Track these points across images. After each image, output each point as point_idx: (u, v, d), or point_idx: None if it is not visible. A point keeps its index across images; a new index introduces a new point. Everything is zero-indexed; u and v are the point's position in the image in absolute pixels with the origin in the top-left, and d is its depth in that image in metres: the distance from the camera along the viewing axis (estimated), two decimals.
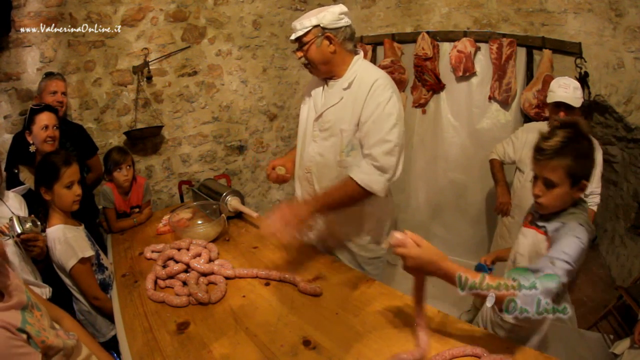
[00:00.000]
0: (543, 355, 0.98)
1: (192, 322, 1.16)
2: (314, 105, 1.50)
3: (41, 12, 2.12)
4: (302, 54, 1.39)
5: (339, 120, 1.40)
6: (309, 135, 1.51)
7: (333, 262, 1.49)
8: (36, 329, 0.82)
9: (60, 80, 2.03)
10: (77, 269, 1.41)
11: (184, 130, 2.82)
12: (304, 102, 1.58)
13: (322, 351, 1.01)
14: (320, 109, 1.46)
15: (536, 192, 1.12)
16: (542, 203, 1.11)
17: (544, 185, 1.09)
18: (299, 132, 1.58)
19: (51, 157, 1.47)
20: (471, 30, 2.59)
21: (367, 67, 1.43)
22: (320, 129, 1.46)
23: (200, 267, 1.38)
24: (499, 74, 2.46)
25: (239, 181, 3.21)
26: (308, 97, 1.55)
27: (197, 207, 1.92)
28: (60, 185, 1.43)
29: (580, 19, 2.21)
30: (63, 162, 1.44)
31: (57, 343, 0.87)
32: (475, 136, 2.67)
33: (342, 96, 1.40)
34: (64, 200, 1.45)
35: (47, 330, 0.87)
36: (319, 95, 1.49)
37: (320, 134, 1.46)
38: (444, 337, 1.04)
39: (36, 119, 1.70)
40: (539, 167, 1.11)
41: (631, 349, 1.35)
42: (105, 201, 1.94)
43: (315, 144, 1.48)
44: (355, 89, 1.38)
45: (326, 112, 1.43)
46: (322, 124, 1.45)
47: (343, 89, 1.40)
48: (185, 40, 2.68)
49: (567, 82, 1.77)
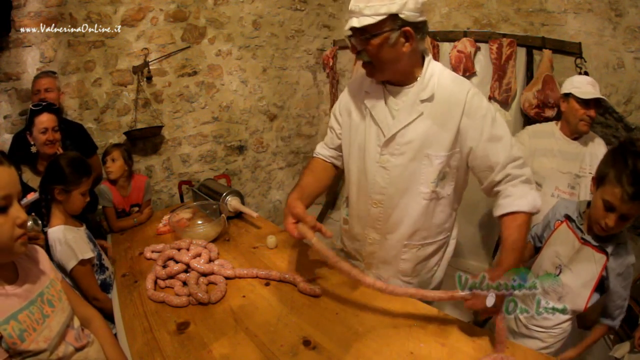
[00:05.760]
0: (543, 355, 0.98)
1: (192, 322, 1.16)
2: (377, 121, 1.16)
3: (41, 12, 2.12)
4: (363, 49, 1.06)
5: (423, 142, 1.11)
6: (372, 161, 1.19)
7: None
8: (23, 327, 0.80)
9: (46, 77, 2.02)
10: (77, 271, 1.41)
11: (184, 130, 2.82)
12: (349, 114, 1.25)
13: (322, 351, 1.01)
14: (392, 129, 1.13)
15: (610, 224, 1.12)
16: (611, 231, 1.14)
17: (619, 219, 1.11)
18: (351, 154, 1.26)
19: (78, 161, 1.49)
20: (471, 30, 2.59)
21: (444, 72, 1.14)
22: (393, 153, 1.15)
23: (200, 267, 1.37)
24: (499, 74, 2.46)
25: (239, 181, 3.21)
26: (358, 108, 1.22)
27: (197, 207, 1.92)
28: (79, 191, 1.47)
29: (580, 19, 2.21)
30: (87, 171, 1.50)
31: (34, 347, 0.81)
32: None
33: (422, 111, 1.10)
34: (76, 205, 1.49)
35: (37, 332, 0.82)
36: (382, 108, 1.16)
37: (392, 160, 1.16)
38: (444, 337, 1.04)
39: (36, 121, 1.69)
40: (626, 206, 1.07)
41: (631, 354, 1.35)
42: (104, 200, 1.94)
43: (386, 172, 1.17)
44: (441, 102, 1.09)
45: (401, 131, 1.13)
46: (396, 147, 1.14)
47: (421, 101, 1.10)
48: (185, 40, 2.68)
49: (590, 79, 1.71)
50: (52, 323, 0.88)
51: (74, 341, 0.93)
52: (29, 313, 0.82)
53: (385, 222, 1.24)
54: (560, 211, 1.33)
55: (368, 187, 1.22)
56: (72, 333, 0.94)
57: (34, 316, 0.83)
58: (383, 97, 1.16)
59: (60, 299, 0.94)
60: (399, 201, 1.19)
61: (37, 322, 0.84)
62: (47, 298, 0.89)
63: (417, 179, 1.15)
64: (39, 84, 1.99)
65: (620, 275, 1.19)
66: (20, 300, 0.82)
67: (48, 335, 0.85)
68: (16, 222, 0.79)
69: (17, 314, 0.80)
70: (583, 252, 1.22)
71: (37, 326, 0.83)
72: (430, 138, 1.11)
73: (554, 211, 1.37)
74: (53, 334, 0.87)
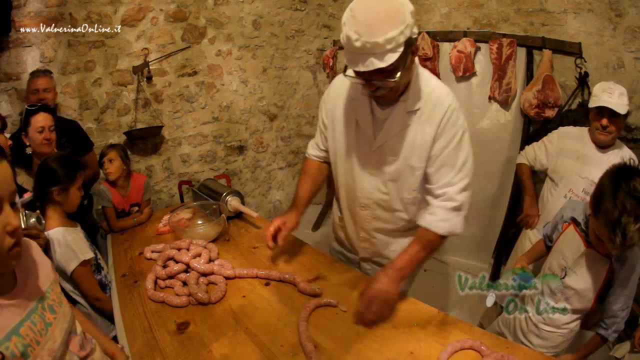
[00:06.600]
0: (543, 355, 0.98)
1: (192, 322, 1.16)
2: (364, 130, 1.17)
3: (41, 12, 2.12)
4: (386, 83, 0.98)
5: (407, 154, 1.14)
6: (358, 168, 1.23)
7: (333, 262, 1.48)
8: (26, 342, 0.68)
9: (43, 76, 2.01)
10: (79, 272, 1.41)
11: (184, 130, 2.82)
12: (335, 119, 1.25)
13: (322, 351, 1.01)
14: (379, 140, 1.15)
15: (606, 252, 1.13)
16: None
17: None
18: (338, 159, 1.29)
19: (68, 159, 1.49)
20: (471, 30, 2.59)
21: (429, 79, 1.13)
22: (380, 162, 1.19)
23: (200, 267, 1.38)
24: (499, 74, 2.46)
25: (239, 181, 3.21)
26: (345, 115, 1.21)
27: (197, 207, 1.92)
28: (75, 186, 1.48)
29: (580, 19, 2.21)
30: (79, 165, 1.50)
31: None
32: (475, 136, 2.63)
33: (409, 122, 1.11)
34: (75, 201, 1.49)
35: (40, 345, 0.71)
36: (369, 118, 1.15)
37: (380, 167, 1.20)
38: (444, 337, 1.04)
39: (32, 120, 1.69)
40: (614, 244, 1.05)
41: (632, 353, 1.35)
42: (103, 200, 1.94)
43: (374, 179, 1.22)
44: (425, 114, 1.10)
45: (387, 143, 1.15)
46: (382, 156, 1.17)
47: (407, 112, 1.11)
48: (185, 40, 2.68)
49: (613, 87, 1.62)
50: (55, 332, 0.77)
51: (79, 349, 0.85)
52: (31, 324, 0.71)
53: (373, 223, 1.32)
54: (568, 213, 1.32)
55: (356, 191, 1.28)
56: (76, 340, 0.85)
57: (36, 327, 0.72)
58: (369, 105, 1.15)
59: (61, 302, 0.84)
60: (386, 205, 1.26)
61: (40, 333, 0.73)
62: (48, 304, 0.78)
63: (401, 187, 1.21)
64: (36, 84, 1.98)
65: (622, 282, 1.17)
66: (19, 310, 0.71)
67: (52, 347, 0.75)
68: (6, 230, 0.65)
69: (19, 328, 0.68)
70: (588, 255, 1.20)
71: (41, 338, 0.73)
72: (413, 150, 1.14)
73: (561, 213, 1.37)
74: (57, 344, 0.77)
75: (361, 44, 0.89)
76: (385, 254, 1.37)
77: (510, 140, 2.52)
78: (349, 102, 1.20)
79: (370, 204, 1.27)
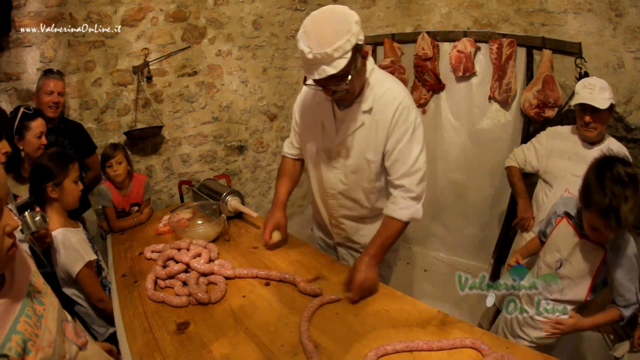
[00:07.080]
0: (543, 355, 0.98)
1: (192, 322, 1.16)
2: (327, 130, 1.34)
3: (41, 12, 2.11)
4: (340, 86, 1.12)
5: (363, 149, 1.29)
6: (324, 163, 1.40)
7: (333, 262, 1.49)
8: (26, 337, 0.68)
9: (59, 79, 2.02)
10: (84, 273, 1.40)
11: (184, 130, 2.82)
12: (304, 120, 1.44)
13: (322, 351, 1.01)
14: (339, 137, 1.31)
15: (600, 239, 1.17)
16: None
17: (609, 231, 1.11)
18: (309, 156, 1.46)
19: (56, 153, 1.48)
20: (471, 30, 2.59)
21: (383, 81, 1.26)
22: (341, 157, 1.35)
23: (200, 267, 1.38)
24: (499, 74, 2.46)
25: (239, 181, 3.21)
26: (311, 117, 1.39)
27: (197, 207, 1.92)
28: (70, 180, 1.45)
29: (580, 19, 2.21)
30: (70, 157, 1.49)
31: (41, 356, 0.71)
32: (475, 136, 2.67)
33: (364, 121, 1.26)
34: (72, 195, 1.47)
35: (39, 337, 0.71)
36: (331, 119, 1.32)
37: (341, 161, 1.36)
38: (444, 337, 1.03)
39: (32, 125, 1.67)
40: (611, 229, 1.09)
41: (631, 353, 1.35)
42: (104, 200, 1.94)
43: (337, 171, 1.38)
44: (377, 113, 1.24)
45: (346, 139, 1.30)
46: (342, 151, 1.33)
47: (363, 112, 1.26)
48: (185, 40, 2.68)
49: (593, 82, 1.62)
50: (48, 322, 0.77)
51: (75, 337, 0.85)
52: (26, 318, 0.71)
53: (340, 210, 1.48)
54: (561, 208, 1.36)
55: (323, 183, 1.44)
56: (70, 327, 0.85)
57: (31, 320, 0.71)
58: (332, 108, 1.31)
59: (47, 292, 0.82)
60: (348, 194, 1.41)
61: (36, 325, 0.72)
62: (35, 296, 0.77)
63: (360, 178, 1.36)
64: (50, 86, 1.98)
65: (622, 267, 1.19)
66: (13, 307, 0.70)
67: (50, 339, 0.75)
68: (6, 231, 0.67)
69: (16, 325, 0.68)
70: (582, 246, 1.24)
71: (38, 331, 0.72)
72: (368, 145, 1.28)
73: (554, 209, 1.40)
74: (53, 335, 0.77)
75: (313, 55, 1.03)
76: (355, 239, 1.53)
77: (510, 140, 2.52)
78: (315, 105, 1.37)
79: (336, 194, 1.43)
